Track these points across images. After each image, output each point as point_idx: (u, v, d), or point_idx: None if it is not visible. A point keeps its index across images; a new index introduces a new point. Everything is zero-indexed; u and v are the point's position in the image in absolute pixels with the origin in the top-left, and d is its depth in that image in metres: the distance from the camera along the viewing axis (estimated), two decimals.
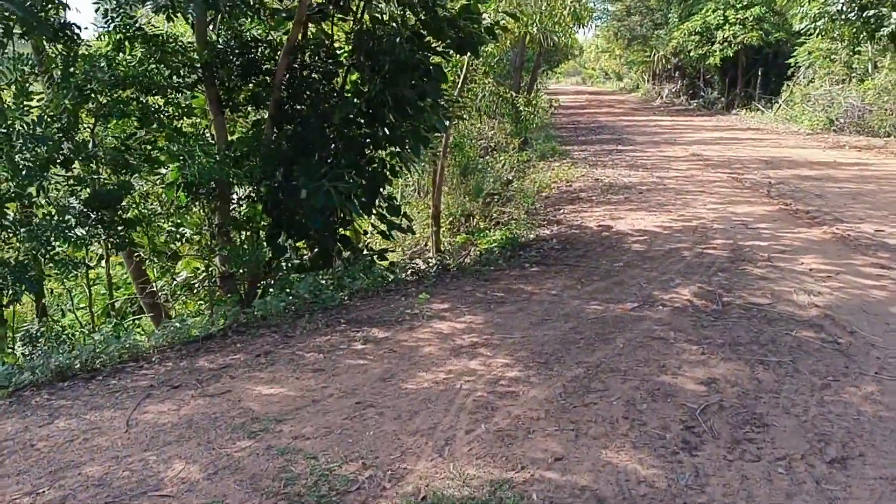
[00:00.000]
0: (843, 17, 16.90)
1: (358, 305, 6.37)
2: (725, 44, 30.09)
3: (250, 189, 7.56)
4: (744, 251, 7.69)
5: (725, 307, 5.96)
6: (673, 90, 40.92)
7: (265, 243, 7.82)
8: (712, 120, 28.27)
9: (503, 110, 19.47)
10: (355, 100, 8.17)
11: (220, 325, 5.73)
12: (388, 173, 8.51)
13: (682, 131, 22.77)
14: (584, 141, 20.73)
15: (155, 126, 6.42)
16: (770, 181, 12.16)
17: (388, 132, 8.11)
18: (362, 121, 8.05)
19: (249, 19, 7.37)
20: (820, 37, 20.83)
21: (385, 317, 5.92)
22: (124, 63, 6.12)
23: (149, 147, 6.57)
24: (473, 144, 16.32)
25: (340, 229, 8.64)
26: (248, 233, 7.46)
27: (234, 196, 7.93)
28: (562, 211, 10.73)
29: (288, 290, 6.57)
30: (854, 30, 17.57)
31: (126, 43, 6.28)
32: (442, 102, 8.12)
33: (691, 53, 32.72)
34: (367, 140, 8.12)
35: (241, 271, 7.62)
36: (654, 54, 41.79)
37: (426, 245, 12.51)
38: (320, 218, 6.85)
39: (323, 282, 7.06)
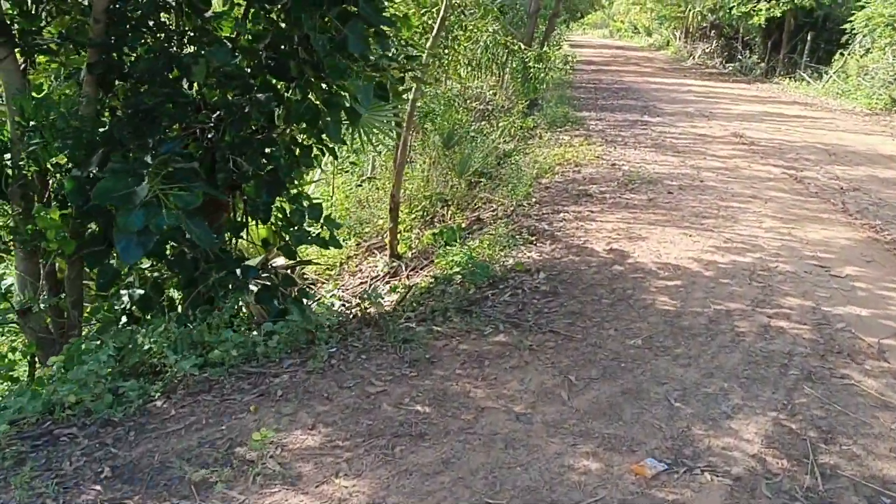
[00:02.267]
0: None
1: (166, 421, 3.58)
2: (773, 1, 26.53)
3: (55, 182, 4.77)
4: (835, 329, 4.85)
5: (828, 486, 3.18)
6: (707, 51, 37.22)
7: (86, 265, 5.05)
8: (751, 88, 24.92)
9: (512, 66, 16.39)
10: (258, 46, 5.34)
11: None
12: (298, 160, 5.68)
13: (717, 101, 19.55)
14: (604, 106, 17.60)
15: None
16: (841, 187, 9.20)
17: (296, 101, 5.28)
18: (254, 82, 5.20)
19: None
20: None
21: (187, 471, 3.14)
22: None
23: None
24: (467, 106, 13.33)
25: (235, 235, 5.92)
26: (40, 250, 4.68)
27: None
28: (561, 215, 7.85)
29: (45, 385, 3.77)
30: None
31: None
32: (376, 59, 5.21)
33: (732, 11, 29.16)
34: (265, 110, 5.27)
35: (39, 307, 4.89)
36: (689, 10, 38.05)
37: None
38: (138, 248, 4.02)
39: (152, 345, 4.28)
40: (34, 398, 3.63)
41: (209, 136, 5.40)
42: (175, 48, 4.88)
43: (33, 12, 4.74)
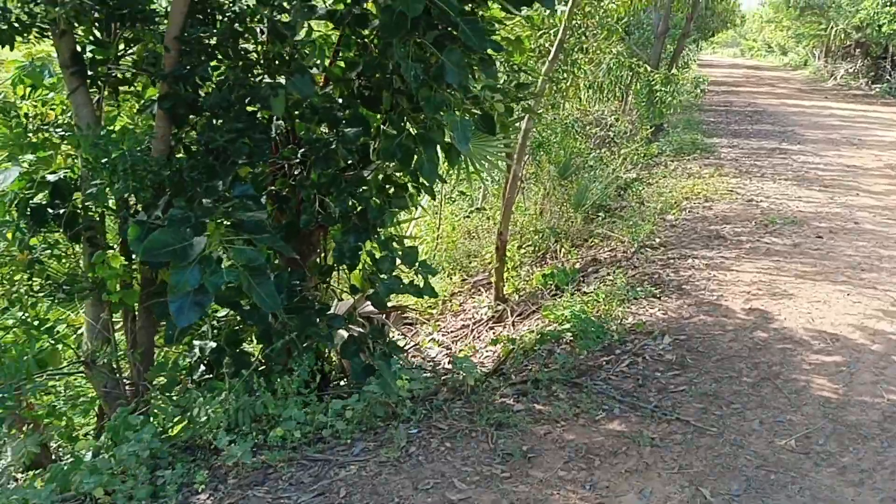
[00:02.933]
0: None
1: None
2: None
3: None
4: None
5: None
6: (850, 71, 34.57)
7: (156, 314, 4.62)
8: None
9: (636, 89, 15.39)
10: (350, 74, 4.81)
11: None
12: (391, 200, 5.08)
13: (866, 126, 17.73)
14: (737, 132, 16.29)
15: None
16: None
17: (388, 136, 4.67)
18: (342, 115, 4.64)
19: None
20: None
21: None
22: None
23: None
24: (585, 132, 12.47)
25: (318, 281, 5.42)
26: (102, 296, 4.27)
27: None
28: (689, 261, 6.90)
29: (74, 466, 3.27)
30: None
31: None
32: (480, 89, 4.55)
33: (882, 28, 26.85)
34: (353, 146, 4.70)
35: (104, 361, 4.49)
36: (832, 27, 35.47)
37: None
38: (193, 309, 3.51)
39: (210, 415, 3.75)
40: (62, 484, 3.15)
41: (296, 172, 4.91)
42: (258, 78, 4.38)
43: (108, 40, 4.36)
